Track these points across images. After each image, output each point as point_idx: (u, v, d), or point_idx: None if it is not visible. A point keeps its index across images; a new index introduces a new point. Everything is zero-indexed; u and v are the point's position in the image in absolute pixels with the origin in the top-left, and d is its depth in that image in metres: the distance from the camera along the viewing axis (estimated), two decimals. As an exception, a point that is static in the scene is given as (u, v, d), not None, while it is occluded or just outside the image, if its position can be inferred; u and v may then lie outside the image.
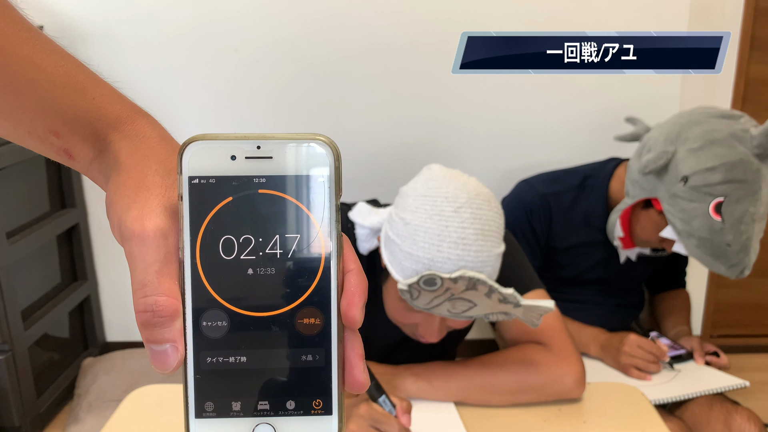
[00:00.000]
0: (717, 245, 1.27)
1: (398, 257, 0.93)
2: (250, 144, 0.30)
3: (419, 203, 0.92)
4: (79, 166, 0.35)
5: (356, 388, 0.31)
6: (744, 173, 1.24)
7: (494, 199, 0.95)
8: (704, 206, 1.26)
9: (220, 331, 0.30)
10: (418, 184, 0.96)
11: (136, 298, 0.29)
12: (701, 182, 1.26)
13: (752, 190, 1.25)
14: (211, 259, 0.29)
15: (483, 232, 0.90)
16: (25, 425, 1.72)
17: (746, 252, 1.27)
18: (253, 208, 0.30)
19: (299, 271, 0.30)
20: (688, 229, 1.29)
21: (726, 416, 1.26)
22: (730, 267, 1.28)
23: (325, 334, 0.30)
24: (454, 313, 0.92)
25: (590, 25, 1.86)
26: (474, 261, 0.88)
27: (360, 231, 1.04)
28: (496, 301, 0.89)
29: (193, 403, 0.30)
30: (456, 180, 0.93)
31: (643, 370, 1.34)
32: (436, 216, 0.90)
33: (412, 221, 0.91)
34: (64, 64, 0.34)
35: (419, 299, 0.90)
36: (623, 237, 1.44)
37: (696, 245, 1.29)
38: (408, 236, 0.91)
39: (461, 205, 0.90)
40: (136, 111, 0.35)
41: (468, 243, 0.88)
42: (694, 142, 1.29)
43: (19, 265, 1.72)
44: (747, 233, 1.26)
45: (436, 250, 0.89)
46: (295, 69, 1.89)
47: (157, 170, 0.32)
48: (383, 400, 0.88)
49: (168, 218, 0.30)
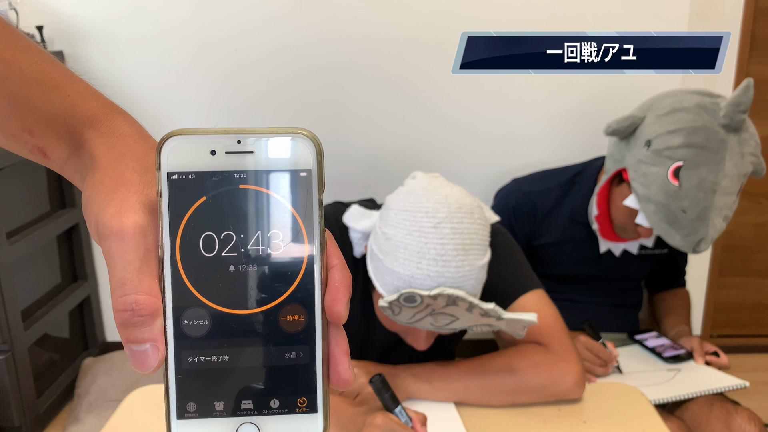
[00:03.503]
0: (672, 211, 1.26)
1: (381, 272, 0.93)
2: (230, 138, 0.29)
3: (400, 218, 0.92)
4: (54, 165, 0.34)
5: (341, 385, 0.30)
6: (705, 140, 1.24)
7: (478, 209, 0.94)
8: (663, 170, 1.26)
9: (202, 330, 0.29)
10: (400, 197, 0.95)
11: (115, 296, 0.28)
12: (662, 145, 1.26)
13: (714, 159, 1.23)
14: (191, 257, 0.29)
15: (464, 247, 0.89)
16: (25, 425, 1.72)
17: (703, 222, 1.25)
18: (233, 204, 0.29)
19: (282, 267, 0.29)
20: (647, 194, 1.28)
21: (726, 416, 1.26)
22: (686, 236, 1.26)
23: (309, 331, 0.29)
24: (437, 326, 0.92)
25: (590, 25, 1.86)
26: (454, 277, 0.88)
27: (353, 234, 1.04)
28: (478, 315, 0.89)
29: (174, 404, 0.29)
30: (437, 193, 0.92)
31: (589, 371, 1.31)
32: (416, 232, 0.89)
33: (393, 236, 0.91)
34: (38, 61, 0.33)
35: (401, 315, 0.90)
36: (599, 215, 1.43)
37: (654, 211, 1.28)
38: (390, 252, 0.91)
39: (441, 220, 0.89)
40: (112, 108, 0.34)
41: (447, 259, 0.88)
42: (661, 110, 1.31)
43: (19, 265, 1.72)
44: (705, 202, 1.24)
45: (416, 267, 0.88)
46: (295, 69, 1.89)
47: (134, 167, 0.31)
48: (399, 411, 0.87)
49: (147, 215, 0.29)
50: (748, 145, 1.26)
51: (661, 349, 1.46)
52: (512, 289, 1.06)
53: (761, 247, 2.23)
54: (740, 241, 2.21)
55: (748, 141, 1.26)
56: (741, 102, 1.21)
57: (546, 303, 1.08)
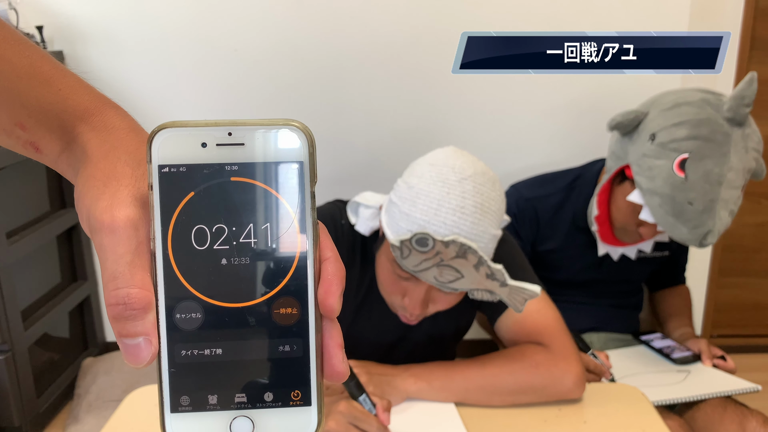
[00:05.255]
0: (678, 203, 1.25)
1: (396, 218, 0.94)
2: (221, 131, 0.29)
3: (426, 170, 0.94)
4: (47, 160, 0.34)
5: (335, 378, 0.30)
6: (711, 132, 1.24)
7: (499, 184, 0.96)
8: (669, 162, 1.25)
9: (195, 323, 0.29)
10: (428, 155, 0.98)
11: (107, 290, 0.28)
12: (667, 138, 1.26)
13: (720, 152, 1.23)
14: (183, 250, 0.29)
15: (482, 208, 0.90)
16: (25, 425, 1.72)
17: (710, 214, 1.24)
18: (225, 197, 0.29)
19: (274, 260, 0.29)
20: (653, 187, 1.28)
21: (741, 419, 1.25)
22: (693, 229, 1.25)
23: (302, 324, 0.29)
24: (440, 282, 0.92)
25: (590, 25, 1.86)
26: (469, 231, 0.89)
27: (364, 211, 1.05)
28: (484, 275, 0.90)
29: (168, 398, 0.29)
30: (465, 157, 0.95)
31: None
32: (440, 183, 0.91)
33: (416, 185, 0.93)
34: (29, 55, 0.33)
35: (409, 259, 0.91)
36: (599, 216, 1.42)
37: (659, 204, 1.27)
38: (409, 198, 0.92)
39: (466, 177, 0.91)
40: (104, 102, 0.34)
41: (466, 213, 0.89)
42: (665, 105, 1.31)
43: (19, 265, 1.72)
44: (711, 194, 1.23)
45: (434, 213, 0.89)
46: (295, 69, 1.89)
47: (126, 161, 0.31)
48: (363, 399, 0.89)
49: (138, 208, 0.29)
50: (752, 140, 1.26)
51: (668, 351, 1.46)
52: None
53: (761, 247, 2.23)
54: (740, 241, 2.21)
55: (751, 136, 1.26)
56: (745, 95, 1.22)
57: (546, 303, 1.08)
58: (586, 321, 1.56)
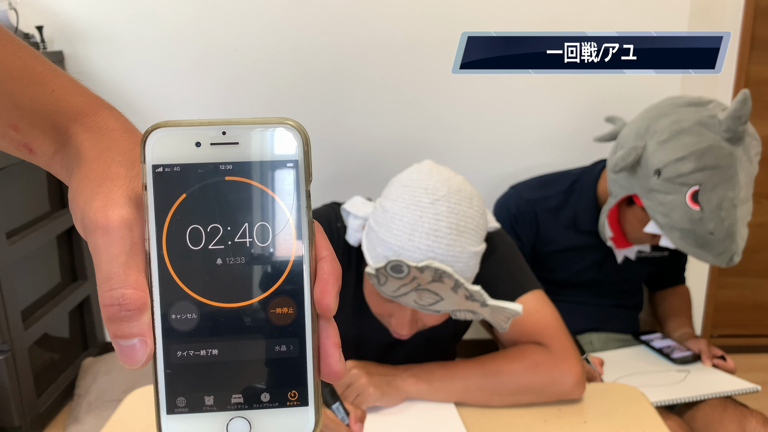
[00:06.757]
0: (700, 235, 1.25)
1: (373, 243, 0.94)
2: (215, 130, 0.29)
3: (400, 192, 0.93)
4: (40, 161, 0.34)
5: (333, 378, 0.30)
6: (715, 159, 1.23)
7: (478, 198, 0.95)
8: (681, 197, 1.25)
9: (190, 324, 0.28)
10: (403, 174, 0.97)
11: (101, 291, 0.28)
12: (674, 173, 1.26)
13: (728, 175, 1.23)
14: (178, 250, 0.28)
15: (458, 228, 0.90)
16: (25, 425, 1.72)
17: (732, 239, 1.25)
18: (220, 196, 0.29)
19: (270, 259, 0.29)
20: (670, 222, 1.28)
21: (741, 419, 1.25)
22: (718, 256, 1.27)
23: (298, 324, 0.29)
24: (420, 305, 0.92)
25: (590, 25, 1.86)
26: (444, 254, 0.89)
27: (353, 222, 1.04)
28: (463, 297, 0.89)
29: (164, 399, 0.29)
30: (440, 174, 0.94)
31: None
32: (413, 206, 0.90)
33: (390, 209, 0.92)
34: (22, 56, 0.32)
35: (386, 285, 0.91)
36: (614, 237, 1.44)
37: (680, 237, 1.28)
38: (384, 223, 0.92)
39: (439, 198, 0.90)
40: (98, 103, 0.33)
41: (440, 236, 0.89)
42: (662, 135, 1.29)
43: (19, 265, 1.72)
44: (729, 219, 1.24)
45: (407, 238, 0.89)
46: (295, 69, 1.89)
47: (120, 162, 0.30)
48: (336, 407, 0.87)
49: (133, 209, 0.29)
50: (753, 147, 1.27)
51: (668, 351, 1.46)
52: (511, 289, 1.06)
53: (761, 247, 2.23)
54: (740, 241, 2.21)
55: (751, 144, 1.27)
56: (741, 115, 1.22)
57: (545, 303, 1.08)
58: (586, 321, 1.56)
